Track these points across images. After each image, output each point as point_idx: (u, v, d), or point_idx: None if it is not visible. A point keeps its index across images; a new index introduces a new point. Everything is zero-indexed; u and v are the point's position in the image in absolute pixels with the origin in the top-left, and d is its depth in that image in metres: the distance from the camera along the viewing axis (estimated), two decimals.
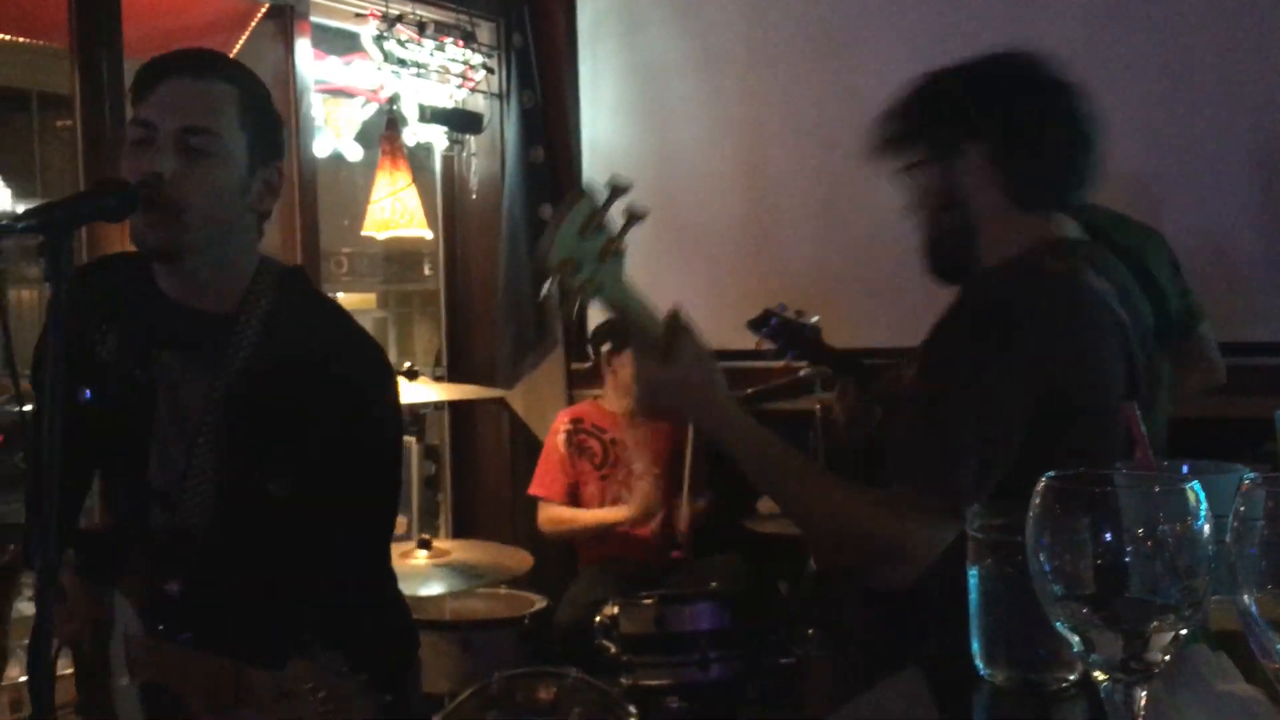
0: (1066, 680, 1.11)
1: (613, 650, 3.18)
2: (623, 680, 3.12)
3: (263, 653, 1.50)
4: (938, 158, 1.71)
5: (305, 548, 1.67)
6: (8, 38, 4.73)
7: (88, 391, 1.71)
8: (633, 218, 1.37)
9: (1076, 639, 0.75)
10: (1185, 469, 1.05)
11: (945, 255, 1.76)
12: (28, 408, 1.57)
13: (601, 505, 3.90)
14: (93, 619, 1.67)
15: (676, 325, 1.49)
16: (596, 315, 4.24)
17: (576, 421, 3.99)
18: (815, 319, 3.18)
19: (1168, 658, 0.74)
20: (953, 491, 1.47)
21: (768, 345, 3.21)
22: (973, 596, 1.15)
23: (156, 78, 1.66)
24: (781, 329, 3.06)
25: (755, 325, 3.15)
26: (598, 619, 3.23)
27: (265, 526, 1.69)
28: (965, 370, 1.56)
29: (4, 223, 1.34)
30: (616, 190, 1.36)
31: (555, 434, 3.99)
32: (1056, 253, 1.66)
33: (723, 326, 4.18)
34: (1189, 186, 3.34)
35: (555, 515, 3.91)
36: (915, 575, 1.47)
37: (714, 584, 3.39)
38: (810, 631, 3.44)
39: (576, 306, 1.38)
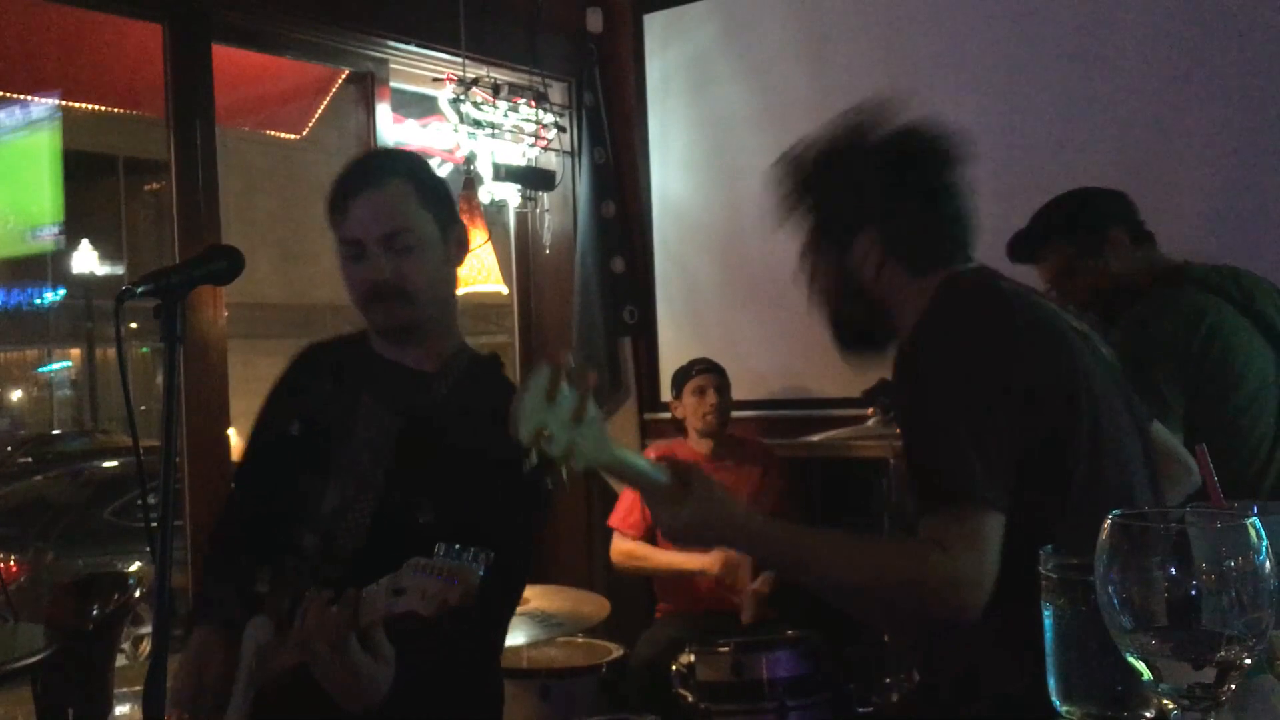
0: (1144, 716, 1.13)
1: (690, 698, 3.19)
2: None
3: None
4: (830, 253, 1.80)
5: None
6: (100, 108, 4.95)
7: (295, 426, 1.95)
8: (592, 382, 1.38)
9: (1145, 669, 0.79)
10: (1254, 509, 1.08)
11: (857, 336, 1.86)
12: (109, 464, 1.65)
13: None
14: (220, 673, 1.77)
15: (683, 467, 1.59)
16: (670, 365, 4.29)
17: (663, 459, 3.96)
18: None
19: (1234, 686, 0.78)
20: (968, 498, 1.51)
21: (880, 415, 3.25)
22: (1048, 635, 1.18)
23: (345, 197, 1.88)
24: None
25: (870, 396, 3.17)
26: (674, 666, 3.25)
27: (409, 552, 1.78)
28: (928, 393, 1.62)
29: (125, 287, 1.45)
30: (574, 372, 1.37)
31: None
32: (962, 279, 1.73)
33: (794, 376, 4.25)
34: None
35: (629, 550, 3.90)
36: (982, 599, 1.49)
37: (791, 631, 3.39)
38: (888, 680, 3.43)
39: (565, 473, 1.36)
